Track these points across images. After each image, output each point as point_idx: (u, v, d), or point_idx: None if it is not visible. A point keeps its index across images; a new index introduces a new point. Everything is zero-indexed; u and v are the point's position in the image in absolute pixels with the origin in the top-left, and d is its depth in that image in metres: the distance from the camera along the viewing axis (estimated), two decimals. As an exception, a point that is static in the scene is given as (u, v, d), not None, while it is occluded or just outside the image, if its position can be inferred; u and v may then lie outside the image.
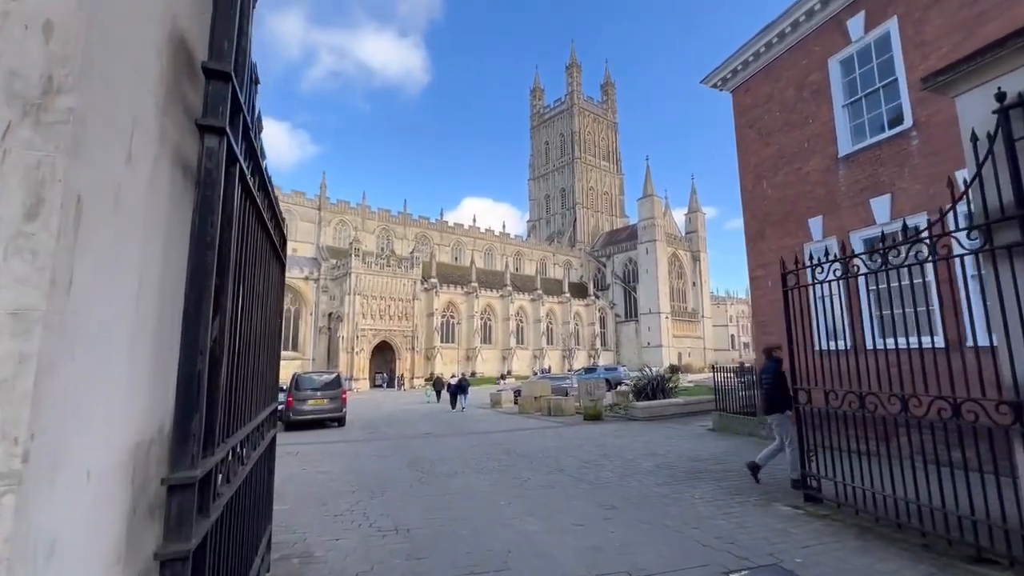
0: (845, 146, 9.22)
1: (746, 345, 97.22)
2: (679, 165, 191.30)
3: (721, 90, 12.31)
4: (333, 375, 18.03)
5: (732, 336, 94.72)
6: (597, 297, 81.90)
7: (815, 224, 9.63)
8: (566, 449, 10.07)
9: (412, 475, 8.05)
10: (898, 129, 8.28)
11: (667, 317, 78.28)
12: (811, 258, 9.84)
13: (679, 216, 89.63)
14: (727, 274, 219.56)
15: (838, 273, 5.32)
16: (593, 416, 15.34)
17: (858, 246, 8.72)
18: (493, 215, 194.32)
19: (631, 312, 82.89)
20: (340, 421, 16.97)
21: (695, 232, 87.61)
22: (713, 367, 13.75)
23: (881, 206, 8.43)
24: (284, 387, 20.34)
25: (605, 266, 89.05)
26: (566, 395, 21.15)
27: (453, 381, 24.94)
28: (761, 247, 10.99)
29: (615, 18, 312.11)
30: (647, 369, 23.73)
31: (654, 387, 16.80)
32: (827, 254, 6.32)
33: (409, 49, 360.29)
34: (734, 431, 11.40)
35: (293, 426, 16.28)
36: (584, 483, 7.15)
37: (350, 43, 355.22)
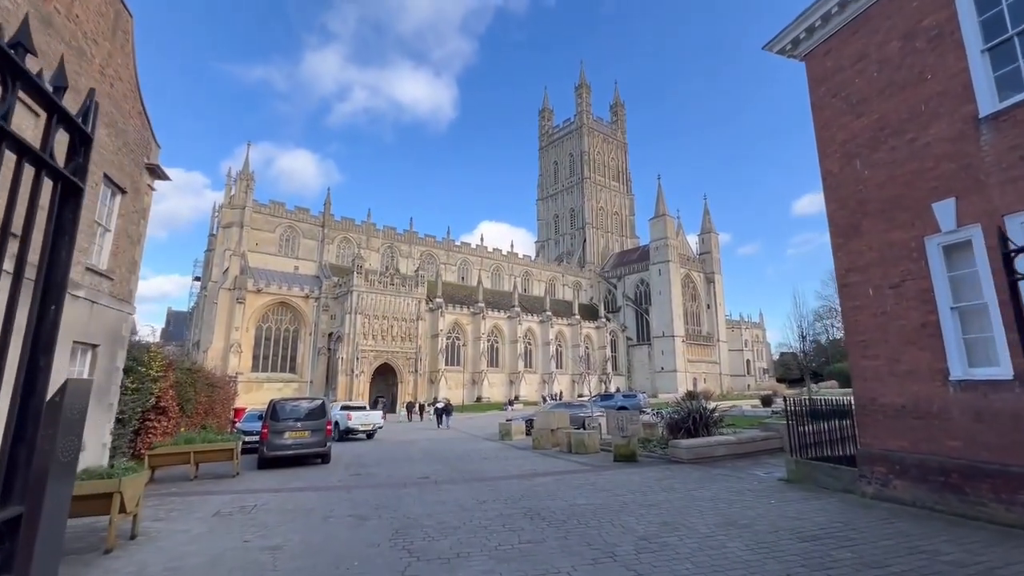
0: (988, 103, 6.83)
1: (764, 371, 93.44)
2: (690, 191, 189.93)
3: (790, 56, 10.03)
4: (317, 403, 15.44)
5: (748, 361, 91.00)
6: (608, 319, 79.06)
7: (943, 209, 7.17)
8: (607, 511, 7.47)
9: (395, 560, 5.49)
10: (1085, 69, 5.90)
11: (682, 340, 75.20)
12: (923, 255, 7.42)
13: (691, 240, 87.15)
14: (741, 300, 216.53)
15: None
16: (626, 456, 12.68)
17: (1019, 235, 6.26)
18: (509, 240, 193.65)
19: (643, 335, 79.88)
20: (324, 458, 14.32)
21: (708, 253, 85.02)
22: (786, 399, 11.11)
23: (1061, 177, 5.99)
24: (260, 415, 17.78)
25: (616, 287, 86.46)
26: (583, 426, 18.49)
27: (440, 405, 33.71)
28: (856, 246, 8.52)
29: (626, 44, 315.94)
30: (682, 397, 20.93)
31: (695, 421, 14.03)
32: (971, 247, 3.92)
33: (442, 89, 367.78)
34: (820, 483, 8.74)
35: (267, 463, 13.61)
36: (656, 586, 4.57)
37: (384, 81, 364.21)
